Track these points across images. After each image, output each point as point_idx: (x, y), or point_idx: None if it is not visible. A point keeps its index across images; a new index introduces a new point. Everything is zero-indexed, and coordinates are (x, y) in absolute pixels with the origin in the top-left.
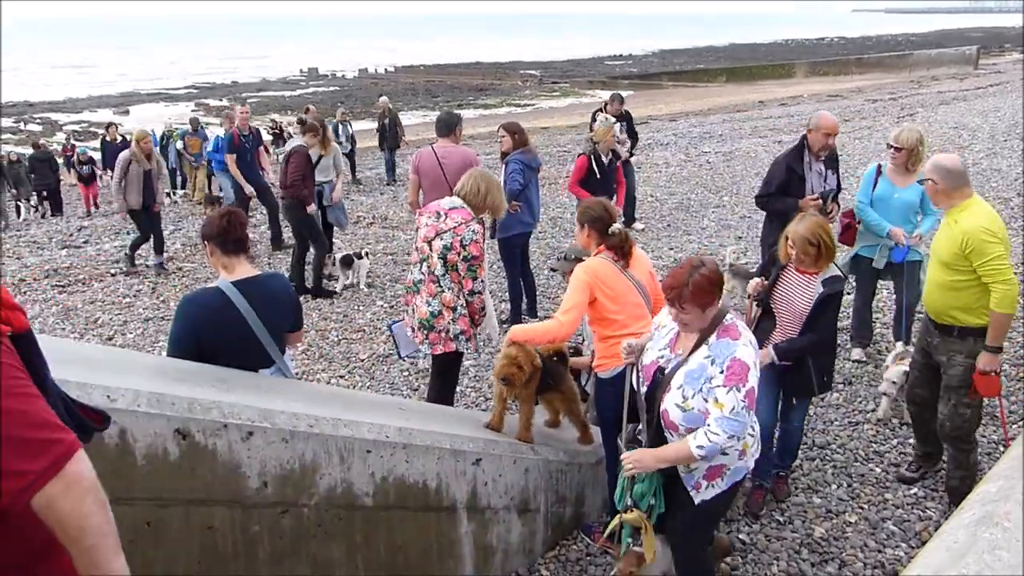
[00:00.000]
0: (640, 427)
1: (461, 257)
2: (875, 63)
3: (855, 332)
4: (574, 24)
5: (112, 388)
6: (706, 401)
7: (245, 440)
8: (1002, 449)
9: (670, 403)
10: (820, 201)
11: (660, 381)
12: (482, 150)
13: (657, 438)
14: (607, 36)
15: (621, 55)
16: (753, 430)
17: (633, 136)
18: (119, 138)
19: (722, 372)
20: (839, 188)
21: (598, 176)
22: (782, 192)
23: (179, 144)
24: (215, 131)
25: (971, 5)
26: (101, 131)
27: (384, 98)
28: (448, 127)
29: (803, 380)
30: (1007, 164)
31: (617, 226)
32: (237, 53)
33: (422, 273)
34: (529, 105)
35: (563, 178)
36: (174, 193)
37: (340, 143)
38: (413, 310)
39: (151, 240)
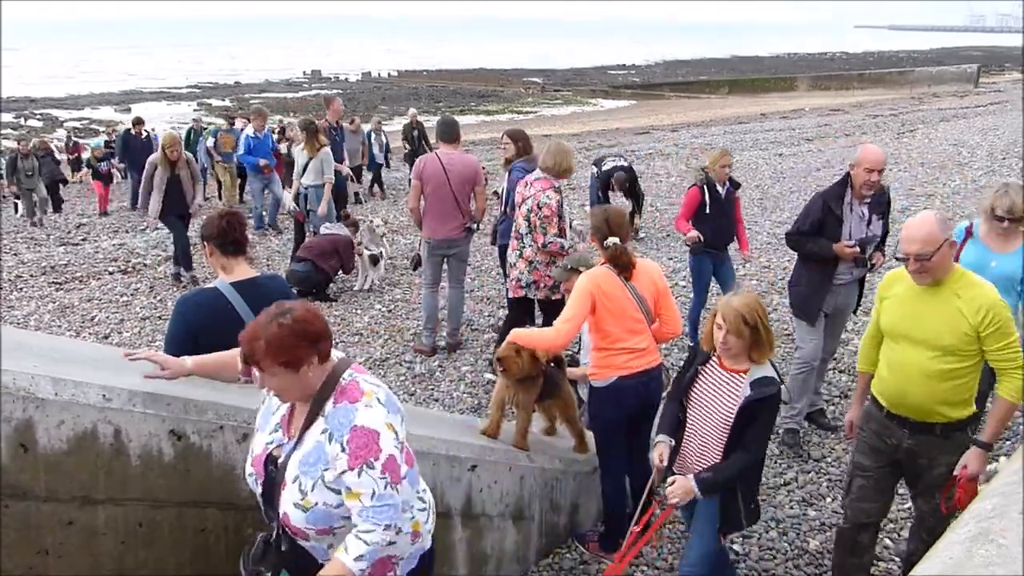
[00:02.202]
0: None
1: (538, 217)
2: (877, 79)
3: None
4: (578, 32)
5: (108, 387)
6: (335, 492)
7: (240, 442)
8: None
9: (288, 503)
10: (858, 250)
11: (274, 476)
12: (483, 156)
13: (292, 552)
14: (611, 45)
15: (624, 65)
16: (423, 499)
17: (636, 198)
18: (144, 133)
19: (344, 450)
20: (885, 236)
21: (708, 210)
22: (815, 232)
23: (210, 141)
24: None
25: (972, 24)
26: (102, 128)
27: (413, 110)
28: (453, 133)
29: (731, 514)
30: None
31: (613, 239)
32: (241, 54)
33: (512, 234)
34: (531, 112)
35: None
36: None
37: (374, 153)
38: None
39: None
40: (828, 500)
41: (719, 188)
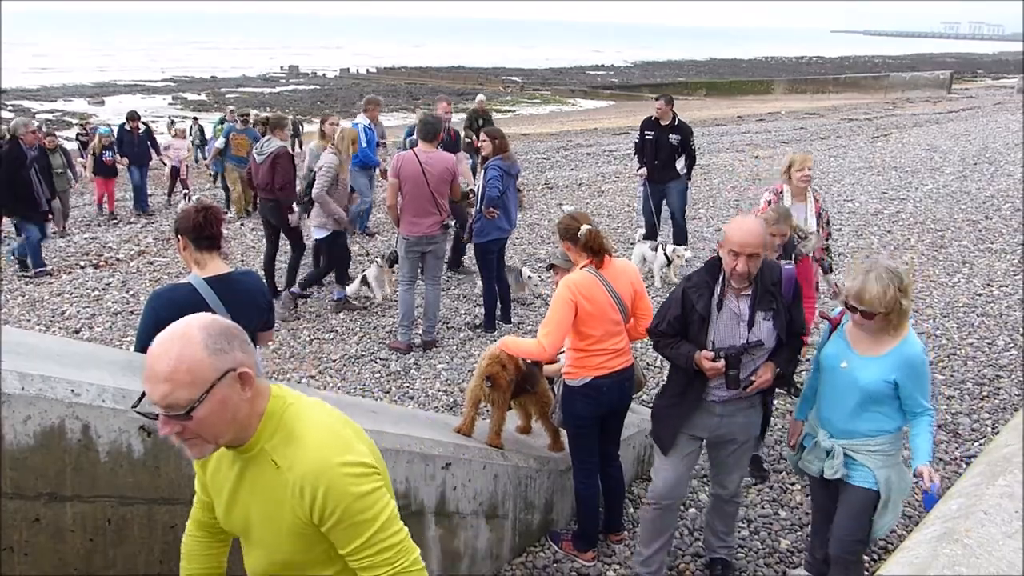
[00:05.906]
0: None
1: None
2: (852, 83)
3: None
4: (558, 33)
5: (76, 382)
6: None
7: None
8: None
9: None
10: (720, 364)
11: None
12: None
13: None
14: (589, 46)
15: (602, 65)
16: None
17: (691, 157)
18: (142, 127)
19: None
20: (796, 338)
21: None
22: (678, 332)
23: (220, 142)
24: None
25: (946, 31)
26: (76, 121)
27: (481, 96)
28: (432, 132)
29: None
30: (976, 187)
31: (586, 227)
32: (219, 49)
33: None
34: (510, 111)
35: (541, 185)
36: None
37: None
38: None
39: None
40: (799, 499)
41: None
